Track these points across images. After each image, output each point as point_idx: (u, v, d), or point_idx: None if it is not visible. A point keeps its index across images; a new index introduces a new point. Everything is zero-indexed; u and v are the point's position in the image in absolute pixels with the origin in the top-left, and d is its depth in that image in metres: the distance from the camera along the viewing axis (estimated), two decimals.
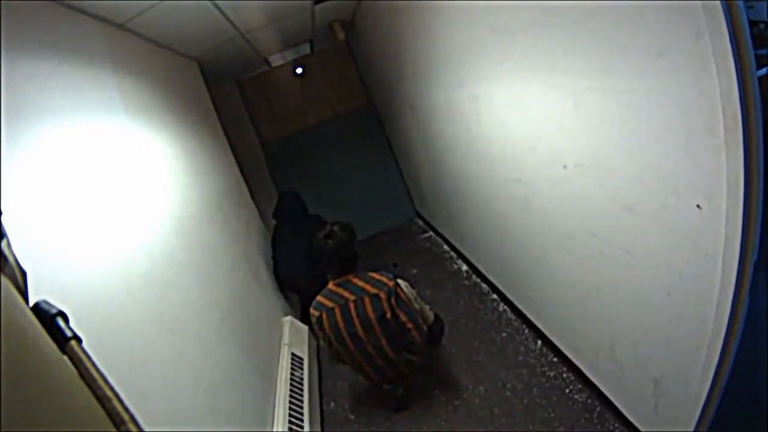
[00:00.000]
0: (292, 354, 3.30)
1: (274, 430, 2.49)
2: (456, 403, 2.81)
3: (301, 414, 2.77)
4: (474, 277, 4.21)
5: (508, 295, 3.45)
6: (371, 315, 2.60)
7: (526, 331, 3.17)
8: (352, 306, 2.63)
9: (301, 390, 3.00)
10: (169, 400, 1.65)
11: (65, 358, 0.64)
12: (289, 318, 3.75)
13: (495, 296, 3.74)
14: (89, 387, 0.61)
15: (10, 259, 0.65)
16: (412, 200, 6.38)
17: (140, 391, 1.48)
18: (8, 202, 1.24)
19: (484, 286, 3.97)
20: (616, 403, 2.19)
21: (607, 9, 1.33)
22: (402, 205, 6.45)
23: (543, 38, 1.70)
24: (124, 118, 2.29)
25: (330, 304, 2.67)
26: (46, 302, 0.69)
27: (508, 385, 2.77)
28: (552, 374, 2.71)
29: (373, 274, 2.72)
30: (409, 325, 2.62)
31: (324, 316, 2.66)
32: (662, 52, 1.19)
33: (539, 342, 2.99)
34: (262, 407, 2.50)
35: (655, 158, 1.37)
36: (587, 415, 2.35)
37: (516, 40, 1.90)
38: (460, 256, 4.62)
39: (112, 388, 0.63)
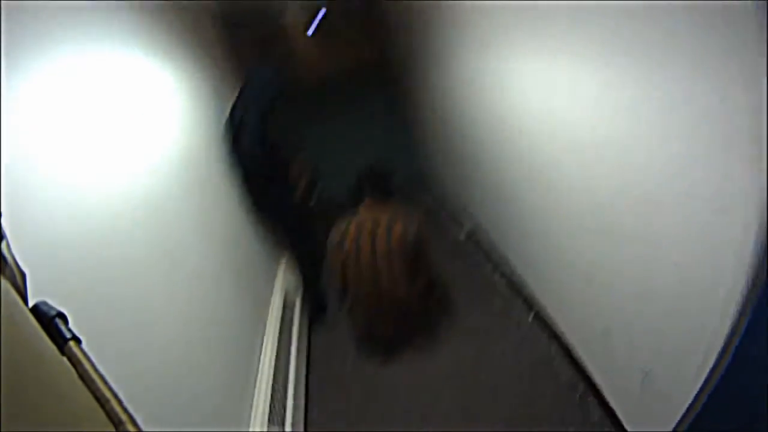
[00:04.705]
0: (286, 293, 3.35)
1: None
2: (443, 365, 2.86)
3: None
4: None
5: (504, 265, 3.46)
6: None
7: (520, 303, 3.18)
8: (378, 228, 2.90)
9: (291, 333, 3.07)
10: (163, 331, 1.64)
11: (64, 359, 0.65)
12: (284, 259, 3.78)
13: (490, 265, 3.74)
14: (88, 388, 0.63)
15: (10, 260, 0.66)
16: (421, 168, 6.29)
17: (132, 320, 1.46)
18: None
19: (480, 253, 3.97)
20: (601, 388, 2.21)
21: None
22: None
23: (570, 27, 1.65)
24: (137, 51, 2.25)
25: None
26: (45, 303, 0.70)
27: (497, 354, 2.81)
28: (540, 348, 2.74)
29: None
30: None
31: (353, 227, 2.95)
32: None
33: (531, 314, 3.01)
34: (251, 337, 2.55)
35: (675, 154, 1.32)
36: (569, 393, 2.37)
37: (549, 23, 1.83)
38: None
39: (111, 389, 0.64)
